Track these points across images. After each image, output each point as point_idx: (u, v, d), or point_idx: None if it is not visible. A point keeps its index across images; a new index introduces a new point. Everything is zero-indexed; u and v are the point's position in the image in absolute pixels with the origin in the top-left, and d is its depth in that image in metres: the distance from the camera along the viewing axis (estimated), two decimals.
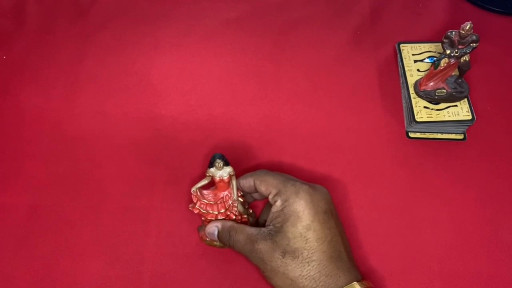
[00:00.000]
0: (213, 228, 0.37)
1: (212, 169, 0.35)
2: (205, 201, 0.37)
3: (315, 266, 0.33)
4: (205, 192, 0.37)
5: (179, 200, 0.43)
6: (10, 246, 0.40)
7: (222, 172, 0.35)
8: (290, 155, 0.46)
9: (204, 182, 0.36)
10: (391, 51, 0.53)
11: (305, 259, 0.33)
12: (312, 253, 0.33)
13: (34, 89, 0.50)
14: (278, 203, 0.35)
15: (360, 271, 0.35)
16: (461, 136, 0.46)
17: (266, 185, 0.36)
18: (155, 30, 0.55)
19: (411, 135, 0.46)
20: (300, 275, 0.33)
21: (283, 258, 0.33)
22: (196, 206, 0.37)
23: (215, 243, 0.39)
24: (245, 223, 0.38)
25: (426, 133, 0.46)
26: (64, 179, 0.44)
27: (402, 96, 0.49)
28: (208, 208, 0.37)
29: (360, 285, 0.33)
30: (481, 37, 0.42)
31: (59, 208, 0.42)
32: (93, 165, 0.45)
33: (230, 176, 0.36)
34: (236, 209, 0.37)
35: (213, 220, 0.38)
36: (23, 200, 0.42)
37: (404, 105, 0.48)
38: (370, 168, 0.45)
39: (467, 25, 0.41)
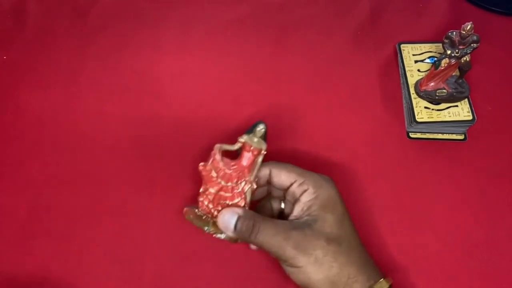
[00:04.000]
0: (230, 214, 0.33)
1: (248, 136, 0.31)
2: (221, 163, 0.32)
3: (357, 253, 0.33)
4: (225, 158, 0.33)
5: (179, 200, 0.42)
6: (10, 246, 0.40)
7: (257, 142, 0.31)
8: (289, 155, 0.45)
9: (231, 147, 0.32)
10: (391, 52, 0.53)
11: (348, 246, 0.32)
12: (351, 239, 0.33)
13: (34, 89, 0.49)
14: (311, 190, 0.33)
15: None
16: (461, 137, 0.46)
17: (288, 173, 0.34)
18: (155, 30, 0.55)
19: (412, 135, 0.46)
20: (347, 261, 0.32)
21: (328, 245, 0.32)
22: (206, 169, 0.33)
23: (200, 224, 0.35)
24: None
25: (427, 134, 0.46)
26: (64, 179, 0.44)
27: (403, 97, 0.49)
28: (214, 180, 0.33)
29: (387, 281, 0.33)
30: (482, 37, 0.42)
31: (59, 208, 0.42)
32: (93, 165, 0.44)
33: (260, 153, 0.31)
34: (245, 191, 0.33)
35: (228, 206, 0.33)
36: (23, 200, 0.42)
37: (404, 105, 0.48)
38: (371, 168, 0.45)
39: (468, 26, 0.41)
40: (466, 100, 0.46)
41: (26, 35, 0.54)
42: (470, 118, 0.45)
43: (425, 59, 0.50)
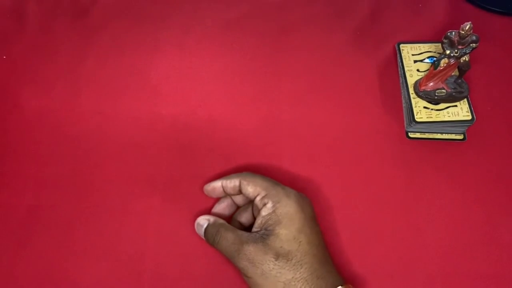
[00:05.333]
0: (203, 220, 0.37)
1: None
2: None
3: (307, 269, 0.33)
4: None
5: (179, 200, 0.43)
6: (10, 246, 0.40)
7: None
8: (289, 155, 0.46)
9: None
10: (391, 51, 0.53)
11: (298, 261, 0.33)
12: (304, 255, 0.33)
13: (34, 89, 0.50)
14: (269, 205, 0.35)
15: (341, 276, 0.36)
16: (461, 137, 0.46)
17: (255, 186, 0.36)
18: (155, 30, 0.55)
19: (411, 135, 0.46)
20: (293, 277, 0.32)
21: (276, 261, 0.33)
22: None
23: None
24: None
25: (426, 133, 0.46)
26: (64, 179, 0.44)
27: (402, 96, 0.49)
28: None
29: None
30: (481, 37, 0.42)
31: (59, 208, 0.42)
32: (93, 165, 0.45)
33: None
34: None
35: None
36: (23, 200, 0.42)
37: (404, 105, 0.48)
38: (370, 168, 0.45)
39: (467, 25, 0.41)
40: (465, 100, 0.46)
41: (26, 35, 0.54)
42: (469, 118, 0.45)
43: (424, 59, 0.50)
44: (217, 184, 0.39)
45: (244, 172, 0.38)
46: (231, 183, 0.37)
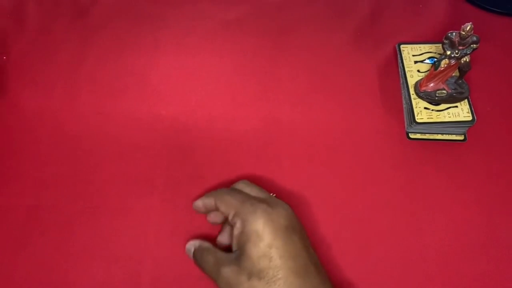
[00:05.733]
0: (191, 246, 0.38)
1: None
2: None
3: (281, 285, 0.32)
4: None
5: (178, 200, 0.42)
6: (10, 246, 0.40)
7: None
8: (289, 155, 0.45)
9: None
10: (391, 52, 0.53)
11: (271, 278, 0.32)
12: (277, 271, 0.32)
13: (34, 89, 0.49)
14: (238, 224, 0.34)
15: (334, 286, 0.34)
16: (461, 137, 0.46)
17: (226, 205, 0.36)
18: (155, 30, 0.55)
19: (412, 136, 0.46)
20: None
21: (249, 280, 0.32)
22: None
23: None
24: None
25: (427, 134, 0.46)
26: (64, 179, 0.44)
27: (403, 97, 0.49)
28: None
29: None
30: (482, 38, 0.42)
31: (59, 208, 0.42)
32: (93, 165, 0.45)
33: None
34: None
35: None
36: (23, 200, 0.42)
37: (404, 106, 0.48)
38: (370, 169, 0.45)
39: (468, 26, 0.41)
40: (466, 100, 0.46)
41: (26, 35, 0.54)
42: (470, 118, 0.45)
43: (424, 60, 0.50)
44: (199, 204, 0.39)
45: (219, 189, 0.38)
46: (209, 202, 0.38)
